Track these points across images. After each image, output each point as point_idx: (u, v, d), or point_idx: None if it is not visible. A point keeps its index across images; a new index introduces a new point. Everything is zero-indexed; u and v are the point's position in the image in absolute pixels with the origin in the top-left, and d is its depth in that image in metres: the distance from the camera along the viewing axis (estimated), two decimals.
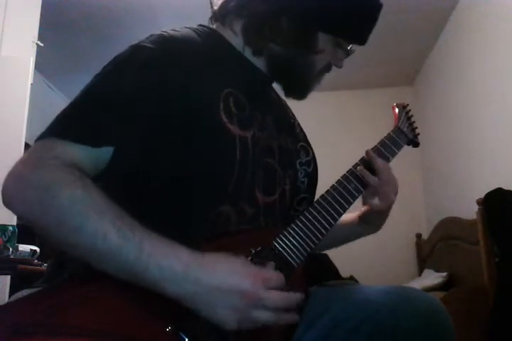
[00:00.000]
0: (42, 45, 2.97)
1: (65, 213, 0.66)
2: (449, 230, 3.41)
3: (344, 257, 2.33)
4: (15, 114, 2.69)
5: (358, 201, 0.94)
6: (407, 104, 1.11)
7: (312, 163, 0.99)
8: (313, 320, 0.80)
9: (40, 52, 2.99)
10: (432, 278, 3.26)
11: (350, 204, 0.89)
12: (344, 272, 2.90)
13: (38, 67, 3.14)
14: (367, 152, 0.95)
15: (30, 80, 2.76)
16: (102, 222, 0.65)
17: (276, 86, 0.99)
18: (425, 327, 0.73)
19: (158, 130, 0.77)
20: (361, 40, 0.94)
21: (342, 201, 0.87)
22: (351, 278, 3.21)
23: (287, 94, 0.96)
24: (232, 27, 0.92)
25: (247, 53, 0.91)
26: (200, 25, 0.94)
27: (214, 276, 0.66)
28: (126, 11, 3.53)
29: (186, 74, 0.80)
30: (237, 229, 0.80)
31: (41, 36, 2.99)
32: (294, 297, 0.71)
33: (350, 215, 1.03)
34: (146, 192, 0.79)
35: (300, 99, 0.96)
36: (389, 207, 0.96)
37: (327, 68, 0.95)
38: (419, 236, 4.27)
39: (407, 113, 1.08)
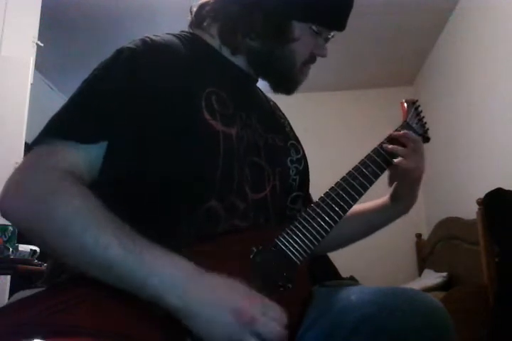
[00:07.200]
0: (42, 45, 2.96)
1: (66, 224, 0.66)
2: (449, 230, 3.41)
3: (344, 257, 2.32)
4: (15, 114, 2.69)
5: (365, 197, 0.92)
6: (417, 100, 1.09)
7: (303, 160, 0.99)
8: (313, 320, 0.79)
9: (40, 52, 2.99)
10: (432, 278, 3.26)
11: (361, 195, 0.88)
12: (344, 272, 2.90)
13: (38, 67, 3.14)
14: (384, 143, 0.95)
15: (30, 80, 2.77)
16: (104, 233, 0.66)
17: (264, 86, 0.98)
18: (426, 328, 0.73)
19: (145, 128, 0.78)
20: (338, 26, 0.93)
21: (353, 192, 0.87)
22: (351, 278, 3.21)
23: (275, 90, 0.96)
24: (210, 31, 0.93)
25: (226, 54, 0.92)
26: (182, 31, 0.95)
27: (214, 290, 0.66)
28: (126, 11, 3.53)
29: (167, 74, 0.80)
30: (238, 228, 0.80)
31: (41, 36, 2.99)
32: (285, 335, 0.67)
33: (378, 200, 1.03)
34: (135, 193, 0.79)
35: (288, 93, 0.96)
36: (420, 175, 0.96)
37: (310, 59, 0.94)
38: (419, 236, 4.27)
39: (416, 108, 1.06)
